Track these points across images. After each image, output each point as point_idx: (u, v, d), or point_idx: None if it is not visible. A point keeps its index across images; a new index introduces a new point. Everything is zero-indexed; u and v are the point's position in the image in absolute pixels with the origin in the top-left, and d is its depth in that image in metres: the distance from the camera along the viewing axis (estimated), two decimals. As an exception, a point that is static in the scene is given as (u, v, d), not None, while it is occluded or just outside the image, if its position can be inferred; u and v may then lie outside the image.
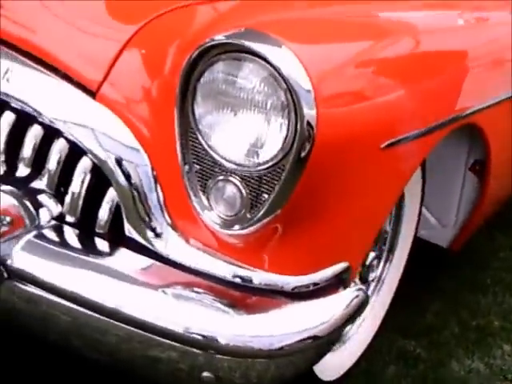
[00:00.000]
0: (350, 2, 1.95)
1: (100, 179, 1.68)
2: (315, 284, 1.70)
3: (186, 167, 1.63)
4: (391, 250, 2.29)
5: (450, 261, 2.84)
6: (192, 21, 1.79)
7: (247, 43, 1.51)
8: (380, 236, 2.21)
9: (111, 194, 1.68)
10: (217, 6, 1.85)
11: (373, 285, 2.28)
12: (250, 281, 1.64)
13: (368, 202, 1.77)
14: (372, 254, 2.19)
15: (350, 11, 1.89)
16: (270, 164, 1.55)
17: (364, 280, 2.20)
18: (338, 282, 1.75)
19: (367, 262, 2.18)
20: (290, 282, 1.66)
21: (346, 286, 1.78)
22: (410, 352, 2.46)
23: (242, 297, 1.63)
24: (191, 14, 1.79)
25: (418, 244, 2.39)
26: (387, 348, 2.44)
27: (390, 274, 2.30)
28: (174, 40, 1.70)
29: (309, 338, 1.61)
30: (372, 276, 2.25)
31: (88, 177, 1.69)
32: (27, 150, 1.72)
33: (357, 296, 1.71)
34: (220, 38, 1.53)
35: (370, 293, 2.26)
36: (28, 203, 1.69)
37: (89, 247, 1.68)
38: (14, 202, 1.67)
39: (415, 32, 1.95)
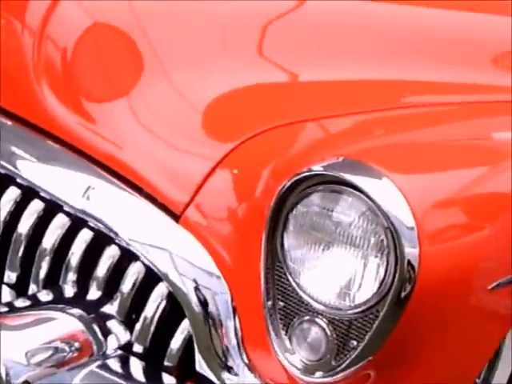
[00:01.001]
0: (458, 121, 1.77)
1: (173, 307, 1.57)
2: None
3: (269, 303, 1.50)
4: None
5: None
6: (291, 141, 1.67)
7: (345, 175, 1.40)
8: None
9: (185, 325, 1.56)
10: (321, 124, 1.71)
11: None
12: None
13: (467, 349, 1.58)
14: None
15: (459, 133, 1.70)
16: (363, 308, 1.41)
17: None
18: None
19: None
20: None
21: None
22: None
23: None
24: (291, 133, 1.67)
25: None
26: None
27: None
28: (269, 162, 1.59)
29: None
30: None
31: (163, 303, 1.58)
32: (101, 271, 1.62)
33: None
34: (317, 168, 1.42)
35: None
36: (97, 329, 1.59)
37: (154, 382, 1.57)
38: (83, 327, 1.58)
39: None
